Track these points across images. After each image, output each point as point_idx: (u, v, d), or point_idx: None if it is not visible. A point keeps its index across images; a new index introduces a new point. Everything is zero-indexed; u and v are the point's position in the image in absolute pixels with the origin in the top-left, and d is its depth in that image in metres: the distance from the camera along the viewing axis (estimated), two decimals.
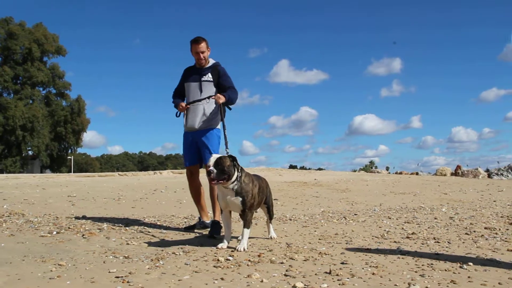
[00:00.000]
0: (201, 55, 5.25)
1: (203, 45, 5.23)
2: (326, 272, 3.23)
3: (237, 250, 3.99)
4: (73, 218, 5.99)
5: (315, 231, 5.28)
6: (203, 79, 5.28)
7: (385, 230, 5.30)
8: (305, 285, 2.91)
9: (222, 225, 4.74)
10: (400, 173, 22.24)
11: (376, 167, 32.33)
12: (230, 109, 5.35)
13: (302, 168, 38.05)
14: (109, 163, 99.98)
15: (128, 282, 2.93)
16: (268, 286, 2.91)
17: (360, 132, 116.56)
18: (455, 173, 20.20)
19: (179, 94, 5.50)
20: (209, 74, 5.30)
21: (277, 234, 4.86)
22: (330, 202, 8.98)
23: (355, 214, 6.87)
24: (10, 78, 45.52)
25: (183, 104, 5.31)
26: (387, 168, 27.62)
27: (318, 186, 12.41)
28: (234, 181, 4.14)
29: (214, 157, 4.14)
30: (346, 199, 9.52)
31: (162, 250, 3.98)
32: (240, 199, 4.17)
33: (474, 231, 5.20)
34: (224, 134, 4.94)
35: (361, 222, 5.99)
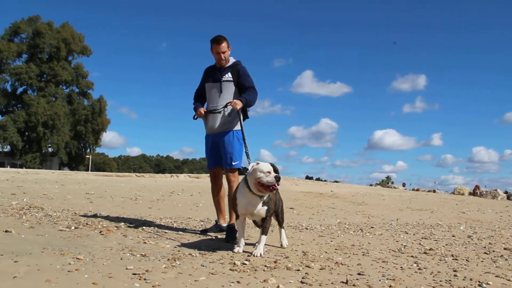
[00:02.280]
0: (222, 55, 5.18)
1: (224, 45, 5.16)
2: (342, 282, 3.21)
3: (254, 255, 3.97)
4: (91, 215, 6.05)
5: (331, 241, 5.25)
6: (223, 79, 5.21)
7: (402, 245, 5.25)
8: None
9: (237, 229, 4.71)
10: (417, 190, 22.07)
11: (392, 183, 32.10)
12: (247, 117, 5.33)
13: (318, 179, 37.91)
14: (126, 164, 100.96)
15: (145, 279, 2.94)
16: None
17: (379, 147, 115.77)
18: (473, 193, 19.95)
19: (201, 96, 5.45)
20: (229, 74, 5.23)
21: (293, 242, 4.84)
22: (347, 214, 8.92)
23: (372, 227, 6.81)
24: (35, 75, 46.30)
25: (202, 110, 5.24)
26: (404, 184, 27.45)
27: (334, 198, 12.35)
28: None
29: (268, 164, 4.08)
30: (362, 212, 9.45)
31: (179, 251, 3.99)
32: (266, 208, 4.15)
33: (493, 251, 5.11)
34: (245, 144, 4.93)
35: (378, 235, 5.94)
